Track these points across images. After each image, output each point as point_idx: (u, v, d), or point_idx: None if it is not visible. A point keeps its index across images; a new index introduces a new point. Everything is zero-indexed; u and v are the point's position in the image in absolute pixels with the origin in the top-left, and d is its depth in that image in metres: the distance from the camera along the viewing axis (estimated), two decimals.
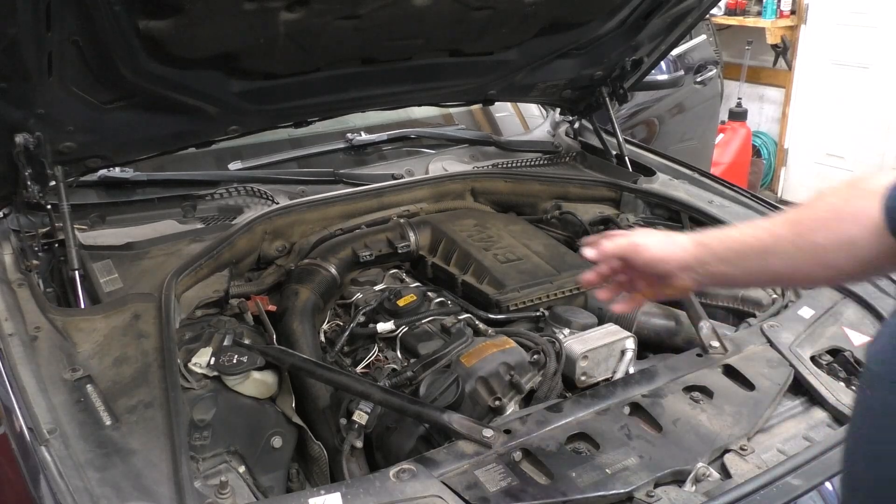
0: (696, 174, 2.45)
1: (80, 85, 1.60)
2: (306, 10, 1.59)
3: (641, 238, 1.21)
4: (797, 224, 1.07)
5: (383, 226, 2.13)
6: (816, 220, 1.05)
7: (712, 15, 5.54)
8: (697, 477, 1.29)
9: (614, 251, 1.22)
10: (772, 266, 1.09)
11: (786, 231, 1.07)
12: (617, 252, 1.22)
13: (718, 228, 1.20)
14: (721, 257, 1.13)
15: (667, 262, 1.18)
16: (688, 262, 1.16)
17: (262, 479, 1.46)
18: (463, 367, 1.55)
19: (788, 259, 1.07)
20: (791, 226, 1.07)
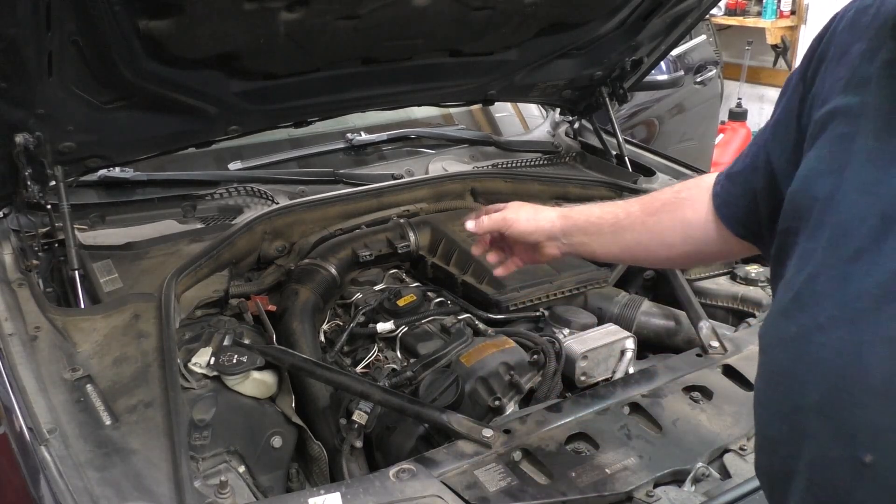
0: (696, 174, 2.44)
1: (80, 85, 1.60)
2: (306, 10, 1.59)
3: (512, 213, 1.33)
4: (648, 205, 1.22)
5: (383, 226, 2.13)
6: (663, 202, 1.20)
7: (712, 15, 5.55)
8: (697, 477, 1.29)
9: (489, 226, 1.34)
10: (623, 241, 1.23)
11: (637, 210, 1.22)
12: (492, 227, 1.34)
13: (584, 205, 1.33)
14: (582, 229, 1.27)
15: (534, 234, 1.31)
16: (553, 233, 1.29)
17: (262, 479, 1.46)
18: (463, 367, 1.55)
19: (637, 235, 1.21)
20: (642, 206, 1.22)
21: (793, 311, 0.83)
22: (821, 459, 0.79)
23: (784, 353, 0.84)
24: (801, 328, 0.81)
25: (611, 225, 1.23)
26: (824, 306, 0.79)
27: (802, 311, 0.82)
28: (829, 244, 0.80)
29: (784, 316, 0.85)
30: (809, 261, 0.82)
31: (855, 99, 0.82)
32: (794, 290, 0.83)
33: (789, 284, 0.85)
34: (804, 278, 0.82)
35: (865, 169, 0.79)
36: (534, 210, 1.33)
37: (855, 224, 0.78)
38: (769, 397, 0.88)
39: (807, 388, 0.80)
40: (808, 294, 0.81)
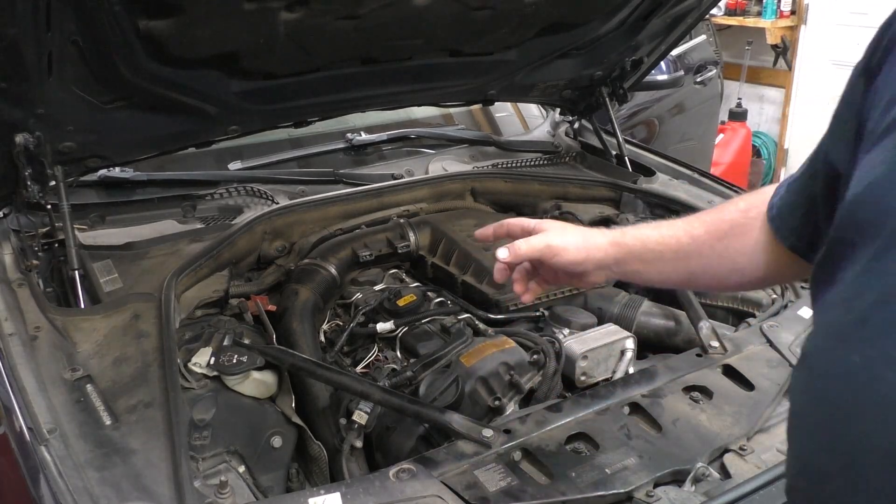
0: (696, 174, 2.45)
1: (80, 85, 1.60)
2: (306, 10, 1.59)
3: (557, 239, 1.18)
4: (714, 227, 1.09)
5: (383, 226, 2.13)
6: (731, 223, 1.08)
7: (712, 15, 5.55)
8: (697, 477, 1.29)
9: (529, 254, 1.19)
10: (688, 268, 1.12)
11: (702, 233, 1.09)
12: (532, 255, 1.19)
13: (635, 227, 1.20)
14: (637, 256, 1.15)
15: (584, 264, 1.17)
16: (605, 262, 1.17)
17: (262, 479, 1.46)
18: (463, 367, 1.55)
19: (705, 261, 1.09)
20: (707, 228, 1.10)
21: (855, 339, 0.74)
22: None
23: (844, 385, 0.75)
24: (867, 360, 0.72)
25: (673, 251, 1.11)
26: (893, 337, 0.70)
27: (869, 342, 0.72)
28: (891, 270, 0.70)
29: (843, 341, 0.75)
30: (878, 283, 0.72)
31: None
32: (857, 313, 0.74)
33: (849, 305, 0.75)
34: (871, 302, 0.72)
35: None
36: (581, 236, 1.18)
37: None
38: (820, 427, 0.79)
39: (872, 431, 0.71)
40: (877, 322, 0.72)
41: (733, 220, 1.08)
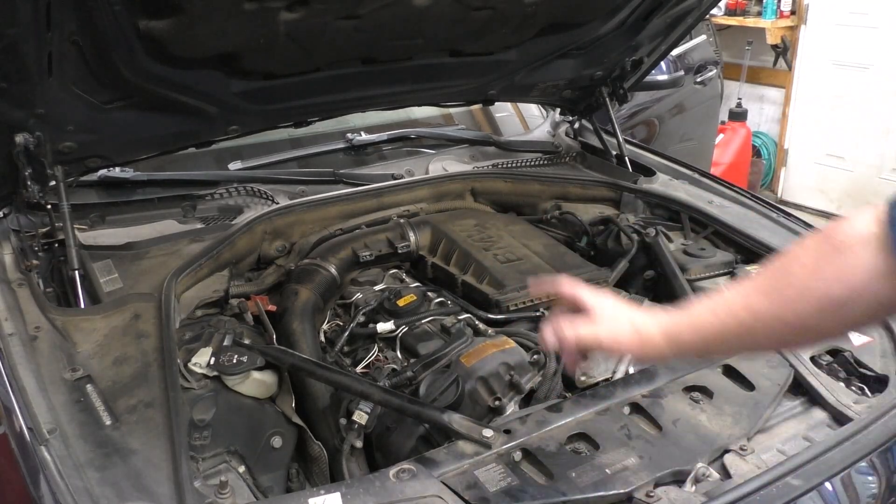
0: (696, 174, 2.45)
1: (80, 85, 1.60)
2: (306, 10, 1.59)
3: (608, 338, 1.11)
4: (778, 294, 0.97)
5: (383, 226, 2.13)
6: (799, 287, 0.94)
7: (712, 15, 5.55)
8: (697, 477, 1.29)
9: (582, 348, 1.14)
10: (757, 343, 1.03)
11: (764, 305, 0.98)
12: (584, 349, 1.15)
13: (687, 311, 1.08)
14: (696, 347, 1.07)
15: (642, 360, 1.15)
16: (663, 357, 1.11)
17: (262, 479, 1.46)
18: (463, 367, 1.55)
19: (775, 334, 0.99)
20: (769, 298, 0.97)
21: None
22: None
23: None
24: None
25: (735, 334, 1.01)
26: None
27: None
28: None
29: None
30: None
31: None
32: None
33: None
34: None
35: None
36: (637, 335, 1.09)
37: None
38: None
39: None
40: None
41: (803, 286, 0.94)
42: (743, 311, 0.99)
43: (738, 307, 1.00)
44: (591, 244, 2.20)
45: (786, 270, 0.98)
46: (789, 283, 0.96)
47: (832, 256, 0.92)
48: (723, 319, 1.01)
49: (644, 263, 2.07)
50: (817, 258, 0.94)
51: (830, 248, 0.92)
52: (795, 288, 0.95)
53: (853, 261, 0.90)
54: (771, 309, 0.97)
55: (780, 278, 0.98)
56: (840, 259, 0.91)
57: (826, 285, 0.92)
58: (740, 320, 0.99)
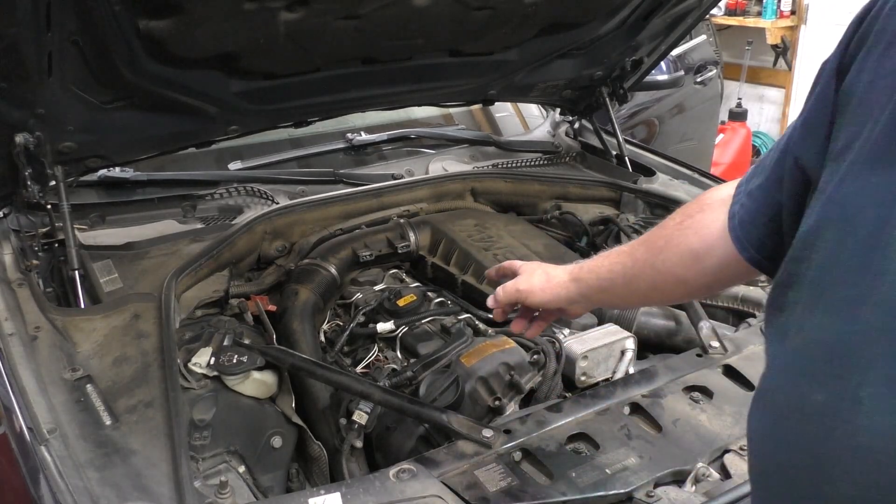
0: (696, 174, 2.45)
1: (80, 85, 1.60)
2: (306, 10, 1.59)
3: (524, 283, 1.28)
4: (652, 245, 1.10)
5: (383, 226, 2.13)
6: (667, 238, 1.08)
7: (712, 15, 5.55)
8: (697, 477, 1.29)
9: (506, 300, 1.32)
10: (639, 289, 1.14)
11: (641, 253, 1.12)
12: (509, 300, 1.32)
13: (592, 258, 1.23)
14: (596, 288, 1.20)
15: (552, 302, 1.26)
16: (572, 298, 1.24)
17: (262, 479, 1.46)
18: (463, 367, 1.55)
19: (649, 280, 1.11)
20: (647, 247, 1.11)
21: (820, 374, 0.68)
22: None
23: (806, 426, 0.70)
24: (831, 398, 0.67)
25: (621, 276, 1.15)
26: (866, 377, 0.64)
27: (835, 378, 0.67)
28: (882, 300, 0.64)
29: (806, 375, 0.70)
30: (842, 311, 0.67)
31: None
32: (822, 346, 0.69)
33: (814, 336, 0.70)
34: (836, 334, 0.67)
35: None
36: (546, 276, 1.27)
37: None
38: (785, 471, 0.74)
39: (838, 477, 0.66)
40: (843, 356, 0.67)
41: (668, 235, 1.09)
42: (627, 257, 1.14)
43: (624, 255, 1.16)
44: (591, 244, 2.20)
45: (662, 226, 1.13)
46: (661, 234, 1.10)
47: (697, 214, 1.04)
48: (613, 263, 1.17)
49: None
50: (685, 215, 1.07)
51: (697, 207, 1.06)
52: (664, 239, 1.09)
53: (710, 218, 1.01)
54: (646, 256, 1.11)
55: (655, 231, 1.13)
56: (701, 216, 1.03)
57: (686, 237, 1.04)
58: (624, 265, 1.14)
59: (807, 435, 0.70)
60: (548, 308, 1.29)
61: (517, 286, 1.29)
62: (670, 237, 1.08)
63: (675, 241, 1.07)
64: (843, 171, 0.71)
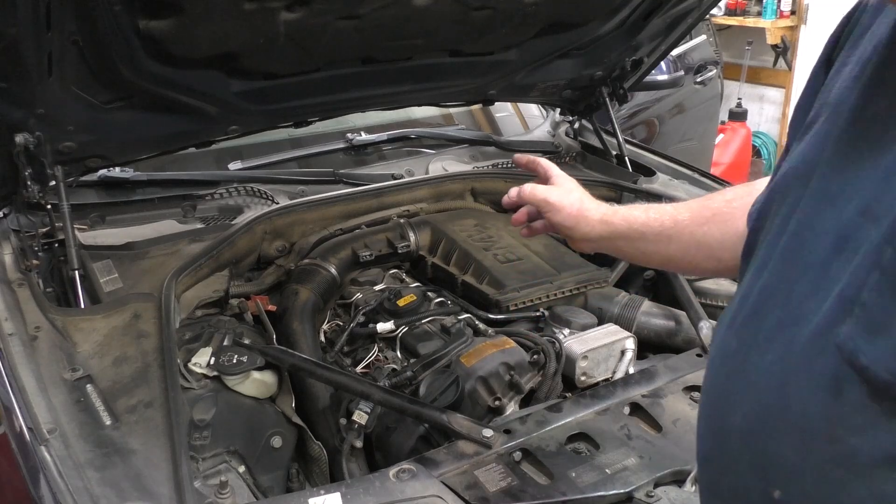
0: (696, 174, 2.45)
1: (80, 85, 1.60)
2: (306, 10, 1.59)
3: (556, 197, 1.26)
4: (698, 214, 1.12)
5: (383, 226, 2.13)
6: (714, 212, 1.11)
7: (712, 15, 5.55)
8: (697, 477, 1.29)
9: (531, 199, 1.28)
10: (668, 251, 1.16)
11: (686, 217, 1.13)
12: (533, 201, 1.28)
13: (627, 206, 1.25)
14: (622, 235, 1.20)
15: (571, 231, 1.25)
16: (590, 236, 1.24)
17: (262, 479, 1.46)
18: (463, 367, 1.55)
19: (683, 246, 1.13)
20: (693, 214, 1.13)
21: (738, 324, 0.77)
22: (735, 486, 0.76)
23: (722, 368, 0.79)
24: (741, 344, 0.76)
25: (656, 233, 1.15)
26: (765, 324, 0.73)
27: (746, 326, 0.76)
28: (783, 256, 0.74)
29: (730, 327, 0.79)
30: (764, 270, 0.75)
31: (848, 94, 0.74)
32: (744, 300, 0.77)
33: (742, 293, 0.79)
34: (757, 289, 0.76)
35: (830, 176, 0.71)
36: (579, 202, 1.25)
37: (811, 238, 0.70)
38: (704, 412, 0.83)
39: (734, 410, 0.75)
40: (755, 307, 0.75)
41: (717, 209, 1.11)
42: (669, 218, 1.15)
43: (666, 214, 1.16)
44: None
45: (709, 197, 1.16)
46: (708, 206, 1.13)
47: (746, 196, 1.03)
48: (651, 217, 1.17)
49: None
50: (736, 195, 1.10)
51: (747, 190, 1.07)
52: (711, 211, 1.11)
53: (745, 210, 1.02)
54: (688, 222, 1.12)
55: (701, 201, 1.16)
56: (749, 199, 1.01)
57: (734, 216, 1.05)
58: (663, 223, 1.15)
59: (722, 376, 0.79)
60: (562, 230, 1.27)
61: (548, 197, 1.26)
62: (718, 211, 1.10)
63: (723, 217, 1.09)
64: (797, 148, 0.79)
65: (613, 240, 1.21)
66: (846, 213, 0.67)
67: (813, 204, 0.72)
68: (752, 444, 0.73)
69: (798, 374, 0.68)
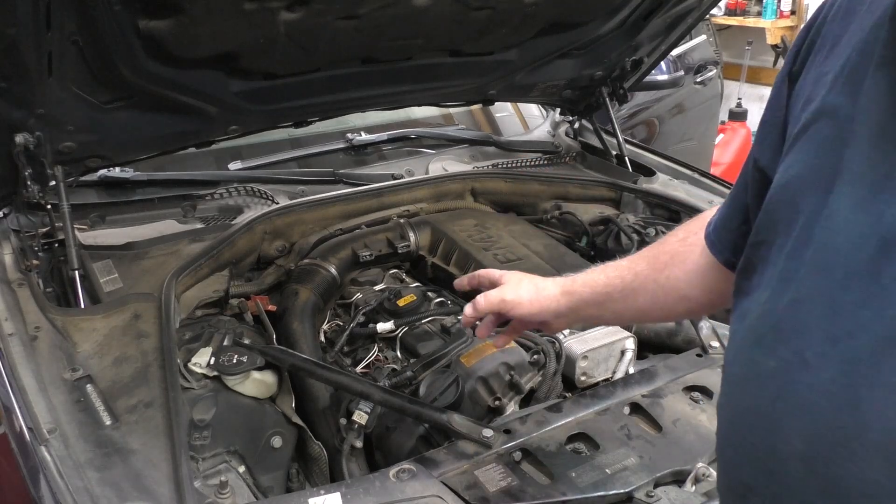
0: (696, 174, 2.45)
1: (80, 85, 1.60)
2: (306, 10, 1.59)
3: (511, 293, 1.23)
4: (654, 259, 1.11)
5: (383, 226, 2.13)
6: (671, 254, 1.09)
7: (712, 15, 5.55)
8: (697, 477, 1.29)
9: (488, 309, 1.25)
10: (637, 304, 1.12)
11: (644, 267, 1.11)
12: (492, 310, 1.25)
13: (585, 272, 1.21)
14: (589, 302, 1.18)
15: (539, 315, 1.22)
16: (560, 311, 1.21)
17: (262, 479, 1.46)
18: (463, 367, 1.55)
19: (650, 295, 1.10)
20: (648, 262, 1.11)
21: (771, 342, 0.74)
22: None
23: (760, 390, 0.74)
24: (781, 363, 0.72)
25: (620, 291, 1.13)
26: (810, 340, 0.70)
27: (783, 344, 0.72)
28: (816, 267, 0.70)
29: (759, 345, 0.75)
30: (791, 284, 0.72)
31: (843, 99, 0.72)
32: (771, 316, 0.74)
33: (765, 309, 0.75)
34: (786, 304, 0.73)
35: (861, 182, 0.69)
36: (535, 288, 1.23)
37: (847, 246, 0.68)
38: (741, 438, 0.78)
39: (788, 434, 0.71)
40: (791, 323, 0.72)
41: (674, 251, 1.09)
42: (627, 272, 1.13)
43: (623, 269, 1.14)
44: (592, 244, 2.20)
45: (663, 242, 1.14)
46: (664, 250, 1.11)
47: (699, 231, 1.04)
48: (610, 277, 1.15)
49: None
50: (688, 231, 1.09)
51: (699, 224, 1.06)
52: (668, 255, 1.09)
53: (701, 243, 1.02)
54: (648, 271, 1.10)
55: (658, 247, 1.13)
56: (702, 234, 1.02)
57: (693, 253, 1.05)
58: (623, 280, 1.13)
59: (762, 398, 0.74)
60: (531, 321, 1.26)
61: (503, 296, 1.24)
62: (675, 253, 1.09)
63: (681, 257, 1.07)
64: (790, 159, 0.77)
65: (583, 308, 1.19)
66: (888, 216, 0.65)
67: (845, 212, 0.69)
68: (822, 470, 0.68)
69: (872, 388, 0.64)
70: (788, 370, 0.71)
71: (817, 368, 0.69)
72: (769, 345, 0.74)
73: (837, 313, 0.68)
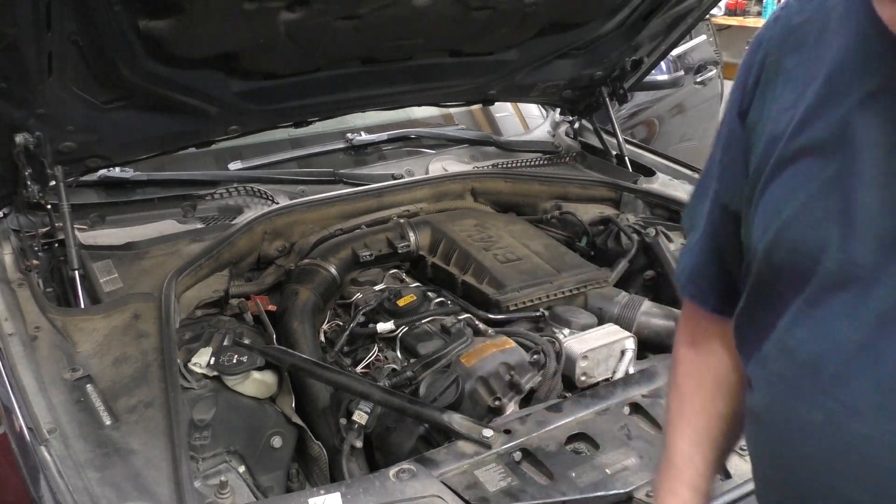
0: (696, 174, 2.44)
1: (80, 85, 1.60)
2: (306, 10, 1.59)
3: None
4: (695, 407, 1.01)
5: (383, 226, 2.13)
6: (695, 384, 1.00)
7: (712, 15, 5.55)
8: None
9: None
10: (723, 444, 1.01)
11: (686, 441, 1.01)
12: None
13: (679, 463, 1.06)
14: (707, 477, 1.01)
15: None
16: None
17: (262, 479, 1.46)
18: (463, 367, 1.55)
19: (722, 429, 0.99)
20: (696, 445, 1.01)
21: (813, 393, 0.71)
22: None
23: (810, 443, 0.72)
24: (830, 414, 0.69)
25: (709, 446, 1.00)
26: (858, 389, 0.67)
27: (827, 394, 0.69)
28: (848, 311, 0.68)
29: (799, 396, 0.72)
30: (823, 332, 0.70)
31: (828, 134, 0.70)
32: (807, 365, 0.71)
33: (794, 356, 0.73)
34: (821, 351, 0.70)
35: (882, 219, 0.66)
36: None
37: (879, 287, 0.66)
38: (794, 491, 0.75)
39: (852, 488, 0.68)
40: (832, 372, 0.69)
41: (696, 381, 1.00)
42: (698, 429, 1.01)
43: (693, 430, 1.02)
44: (592, 244, 2.20)
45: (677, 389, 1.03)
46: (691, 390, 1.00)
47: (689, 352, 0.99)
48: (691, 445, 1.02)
49: (644, 263, 2.07)
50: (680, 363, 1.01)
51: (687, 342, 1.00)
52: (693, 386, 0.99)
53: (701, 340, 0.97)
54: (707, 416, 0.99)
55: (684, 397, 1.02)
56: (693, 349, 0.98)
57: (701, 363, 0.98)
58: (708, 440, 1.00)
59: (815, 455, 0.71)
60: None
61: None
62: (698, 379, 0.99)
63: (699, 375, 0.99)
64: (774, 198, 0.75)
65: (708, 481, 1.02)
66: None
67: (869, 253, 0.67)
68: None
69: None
70: (841, 421, 0.69)
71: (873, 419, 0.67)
72: (810, 395, 0.71)
73: (880, 358, 0.66)
